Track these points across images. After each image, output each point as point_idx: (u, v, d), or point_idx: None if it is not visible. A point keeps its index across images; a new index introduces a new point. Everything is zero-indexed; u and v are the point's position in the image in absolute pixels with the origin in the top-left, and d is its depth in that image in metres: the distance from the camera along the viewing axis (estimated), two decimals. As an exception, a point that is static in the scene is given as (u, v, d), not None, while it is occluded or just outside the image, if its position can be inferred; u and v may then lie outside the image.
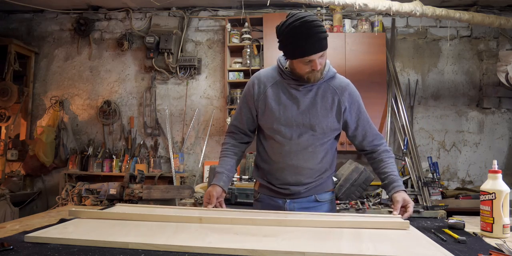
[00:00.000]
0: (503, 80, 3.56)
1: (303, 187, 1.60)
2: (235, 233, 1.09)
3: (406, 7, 3.02)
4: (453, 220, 1.34)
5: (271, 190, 1.64)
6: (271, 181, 1.64)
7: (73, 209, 1.27)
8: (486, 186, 1.20)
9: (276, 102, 1.56)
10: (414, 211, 2.79)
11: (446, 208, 2.97)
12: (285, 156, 1.58)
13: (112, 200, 3.31)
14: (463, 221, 1.31)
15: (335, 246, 0.97)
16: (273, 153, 1.61)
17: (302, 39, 1.36)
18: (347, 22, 3.75)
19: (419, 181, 3.33)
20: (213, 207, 1.53)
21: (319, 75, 1.49)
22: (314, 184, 1.61)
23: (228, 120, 3.78)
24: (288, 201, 1.61)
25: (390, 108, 3.62)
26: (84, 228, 1.15)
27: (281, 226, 1.20)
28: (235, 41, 3.87)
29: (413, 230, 1.19)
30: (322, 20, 3.69)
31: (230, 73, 3.85)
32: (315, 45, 1.38)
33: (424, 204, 3.09)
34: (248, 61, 3.76)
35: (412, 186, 3.44)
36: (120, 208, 1.51)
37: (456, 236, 1.13)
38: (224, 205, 1.59)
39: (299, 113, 1.54)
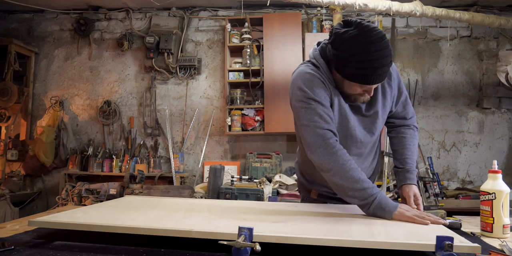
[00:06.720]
0: (503, 80, 3.56)
1: None
2: (244, 219, 1.09)
3: (406, 7, 3.03)
4: (449, 219, 1.31)
5: (336, 198, 1.47)
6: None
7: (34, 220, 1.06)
8: (486, 186, 1.20)
9: (343, 116, 1.34)
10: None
11: (444, 208, 2.97)
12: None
13: (112, 200, 3.31)
14: (460, 221, 1.30)
15: (346, 232, 0.94)
16: None
17: (371, 67, 1.15)
18: (347, 22, 3.74)
19: (419, 181, 3.33)
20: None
21: (368, 98, 1.31)
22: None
23: (228, 120, 3.77)
24: None
25: (390, 108, 3.61)
26: (92, 214, 1.17)
27: (292, 214, 1.19)
28: (235, 41, 3.87)
29: None
30: (322, 20, 3.69)
31: (230, 73, 3.85)
32: (383, 76, 1.19)
33: (424, 204, 3.10)
34: (248, 61, 3.76)
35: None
36: (128, 199, 1.54)
37: (455, 236, 1.13)
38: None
39: (364, 124, 1.38)
